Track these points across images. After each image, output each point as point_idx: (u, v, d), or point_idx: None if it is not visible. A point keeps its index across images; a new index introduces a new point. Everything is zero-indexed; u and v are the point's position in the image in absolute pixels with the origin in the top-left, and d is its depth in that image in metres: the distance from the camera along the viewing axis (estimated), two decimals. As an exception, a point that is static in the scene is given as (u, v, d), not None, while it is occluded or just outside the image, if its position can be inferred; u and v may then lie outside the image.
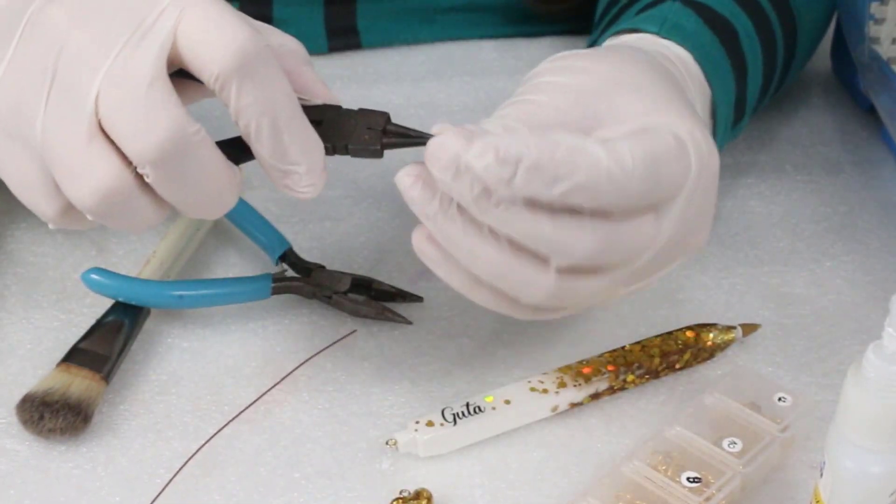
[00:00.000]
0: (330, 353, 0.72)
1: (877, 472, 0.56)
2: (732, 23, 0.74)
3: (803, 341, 0.74)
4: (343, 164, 0.80)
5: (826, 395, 0.70)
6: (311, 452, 0.67)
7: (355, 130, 0.60)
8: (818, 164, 0.87)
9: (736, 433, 0.65)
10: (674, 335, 0.71)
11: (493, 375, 0.71)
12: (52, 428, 0.66)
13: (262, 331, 0.73)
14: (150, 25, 0.55)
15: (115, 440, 0.67)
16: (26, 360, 0.71)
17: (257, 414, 0.69)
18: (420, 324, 0.74)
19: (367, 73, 0.93)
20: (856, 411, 0.55)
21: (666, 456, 0.64)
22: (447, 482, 0.65)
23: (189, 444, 0.67)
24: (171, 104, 0.55)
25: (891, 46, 0.84)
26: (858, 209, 0.83)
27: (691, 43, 0.71)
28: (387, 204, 0.82)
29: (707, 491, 0.62)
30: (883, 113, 0.83)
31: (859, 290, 0.77)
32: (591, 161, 0.56)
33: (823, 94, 0.94)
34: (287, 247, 0.76)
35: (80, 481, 0.65)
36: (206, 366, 0.71)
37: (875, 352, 0.54)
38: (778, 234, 0.81)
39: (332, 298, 0.73)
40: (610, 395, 0.70)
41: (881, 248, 0.80)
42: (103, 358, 0.69)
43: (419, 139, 0.58)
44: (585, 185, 0.56)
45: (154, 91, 0.55)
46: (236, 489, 0.65)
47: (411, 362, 0.72)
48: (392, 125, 0.60)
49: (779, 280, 0.78)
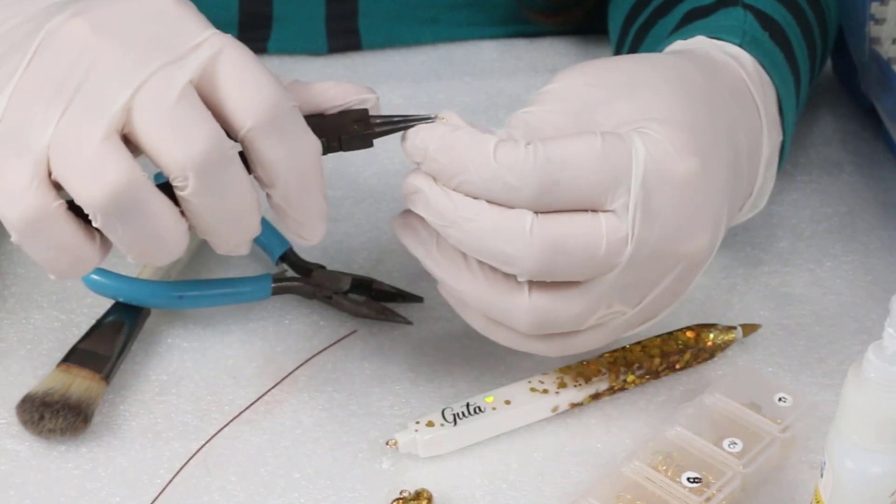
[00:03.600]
0: (330, 353, 0.72)
1: (877, 472, 0.56)
2: (786, 30, 0.75)
3: (803, 341, 0.74)
4: (343, 164, 0.79)
5: (826, 395, 0.70)
6: (311, 452, 0.67)
7: (344, 126, 0.61)
8: (818, 164, 0.87)
9: (736, 433, 0.65)
10: (674, 335, 0.71)
11: (493, 375, 0.71)
12: (52, 428, 0.66)
13: (262, 331, 0.73)
14: (184, 54, 0.56)
15: (115, 440, 0.67)
16: (26, 360, 0.71)
17: (257, 414, 0.69)
18: (420, 324, 0.74)
19: (367, 73, 0.93)
20: (856, 411, 0.56)
21: (666, 456, 0.64)
22: (447, 482, 0.65)
23: (189, 444, 0.67)
24: (207, 118, 0.56)
25: (891, 46, 0.84)
26: (858, 209, 0.83)
27: (767, 58, 0.71)
28: (387, 204, 0.82)
29: (707, 491, 0.62)
30: (883, 113, 0.83)
31: (859, 290, 0.77)
32: (481, 159, 0.58)
33: (823, 94, 0.94)
34: (287, 247, 0.76)
35: (80, 481, 0.65)
36: (206, 366, 0.71)
37: (875, 352, 0.54)
38: (778, 234, 0.81)
39: (332, 298, 0.73)
40: (610, 396, 0.70)
41: (881, 248, 0.80)
42: (103, 358, 0.69)
43: (404, 122, 0.61)
44: (475, 181, 0.59)
45: (188, 105, 0.55)
46: (236, 489, 0.65)
47: (411, 362, 0.72)
48: (375, 116, 0.62)
49: (779, 280, 0.78)
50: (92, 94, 0.55)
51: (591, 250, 0.59)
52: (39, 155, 0.56)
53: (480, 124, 0.59)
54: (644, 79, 0.63)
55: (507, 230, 0.59)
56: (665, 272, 0.62)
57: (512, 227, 0.59)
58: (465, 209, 0.59)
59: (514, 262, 0.59)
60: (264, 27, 0.93)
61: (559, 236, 0.59)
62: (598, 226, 0.59)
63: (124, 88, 0.55)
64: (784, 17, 0.75)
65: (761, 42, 0.72)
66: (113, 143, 0.55)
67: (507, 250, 0.59)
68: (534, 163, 0.58)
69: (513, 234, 0.59)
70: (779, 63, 0.72)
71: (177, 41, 0.56)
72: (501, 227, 0.59)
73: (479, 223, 0.59)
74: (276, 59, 0.93)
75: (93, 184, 0.55)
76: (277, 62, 0.93)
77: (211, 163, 0.55)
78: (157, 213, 0.56)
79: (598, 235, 0.59)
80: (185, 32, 0.57)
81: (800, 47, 0.76)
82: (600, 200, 0.59)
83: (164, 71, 0.55)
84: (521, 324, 0.61)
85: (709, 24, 0.73)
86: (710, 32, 0.72)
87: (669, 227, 0.60)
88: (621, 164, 0.59)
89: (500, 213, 0.59)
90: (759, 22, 0.73)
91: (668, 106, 0.62)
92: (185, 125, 0.55)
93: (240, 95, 0.56)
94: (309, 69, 0.93)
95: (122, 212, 0.56)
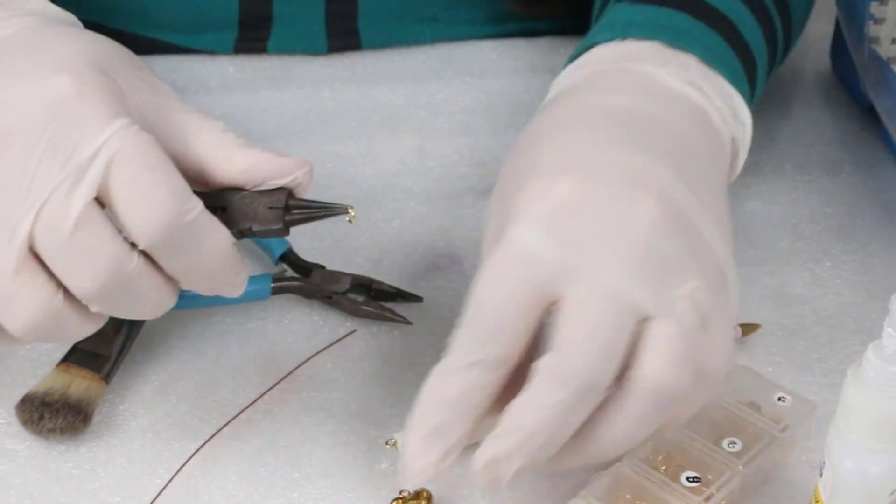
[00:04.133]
0: (330, 353, 0.72)
1: (877, 471, 0.56)
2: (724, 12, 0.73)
3: (803, 341, 0.74)
4: (343, 164, 0.79)
5: (826, 395, 0.70)
6: (310, 452, 0.67)
7: (259, 211, 0.60)
8: (818, 164, 0.87)
9: (736, 433, 0.65)
10: (674, 335, 0.71)
11: (493, 375, 0.71)
12: (52, 428, 0.66)
13: (262, 331, 0.73)
14: (82, 166, 0.55)
15: (115, 440, 0.67)
16: (26, 360, 0.71)
17: (257, 414, 0.69)
18: (420, 324, 0.74)
19: (367, 73, 0.93)
20: (856, 411, 0.56)
21: (666, 456, 0.64)
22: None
23: (189, 444, 0.67)
24: (106, 241, 0.55)
25: (891, 46, 0.84)
26: (858, 209, 0.83)
27: (697, 45, 0.69)
28: (387, 204, 0.82)
29: (707, 491, 0.62)
30: (883, 113, 0.83)
31: (859, 290, 0.77)
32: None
33: (823, 94, 0.94)
34: (287, 247, 0.76)
35: (80, 481, 0.65)
36: (205, 366, 0.71)
37: (875, 352, 0.54)
38: (778, 234, 0.81)
39: (331, 298, 0.73)
40: (610, 395, 0.70)
41: (881, 248, 0.80)
42: (103, 358, 0.69)
43: (322, 211, 0.60)
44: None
45: (86, 232, 0.55)
46: (236, 489, 0.65)
47: (411, 362, 0.72)
48: (294, 200, 0.60)
49: (779, 280, 0.78)
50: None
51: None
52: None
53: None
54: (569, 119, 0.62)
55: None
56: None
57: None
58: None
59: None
60: (264, 27, 0.93)
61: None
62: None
63: (25, 216, 0.55)
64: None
65: (684, 30, 0.70)
66: (27, 275, 0.56)
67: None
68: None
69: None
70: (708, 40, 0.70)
71: (75, 148, 0.55)
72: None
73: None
74: (276, 59, 0.93)
75: (11, 317, 0.56)
76: (277, 62, 0.93)
77: (114, 285, 0.56)
78: (76, 323, 0.58)
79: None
80: (83, 133, 0.55)
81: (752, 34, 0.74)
82: None
83: (60, 192, 0.55)
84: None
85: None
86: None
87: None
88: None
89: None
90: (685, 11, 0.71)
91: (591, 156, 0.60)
92: (84, 255, 0.55)
93: (132, 216, 0.56)
94: (309, 69, 0.93)
95: (47, 334, 0.57)
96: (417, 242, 0.79)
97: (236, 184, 0.60)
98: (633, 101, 0.64)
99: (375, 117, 0.89)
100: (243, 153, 0.60)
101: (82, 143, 0.55)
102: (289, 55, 0.94)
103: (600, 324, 0.55)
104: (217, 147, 0.60)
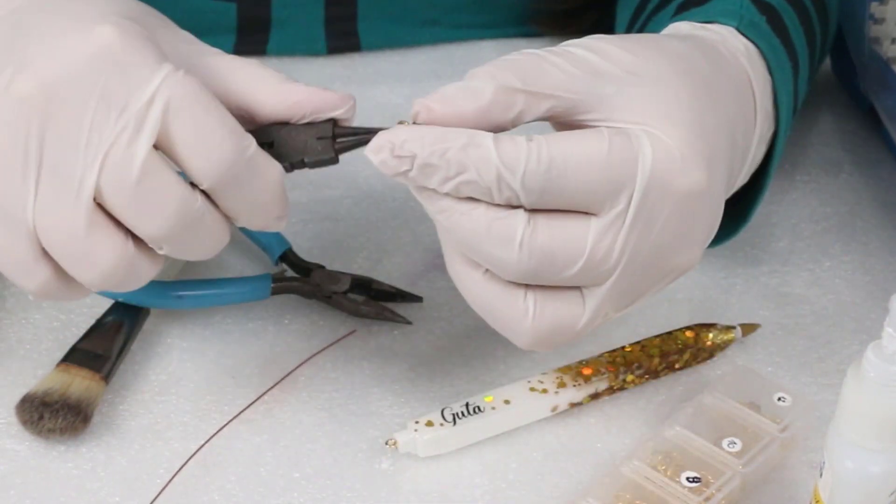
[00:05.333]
0: (330, 353, 0.72)
1: (877, 471, 0.56)
2: (783, 16, 0.73)
3: (803, 341, 0.74)
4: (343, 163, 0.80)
5: (826, 395, 0.70)
6: (310, 452, 0.67)
7: (308, 143, 0.60)
8: (818, 164, 0.87)
9: (736, 433, 0.65)
10: (673, 335, 0.71)
11: (493, 375, 0.71)
12: (52, 428, 0.66)
13: (262, 331, 0.73)
14: (139, 115, 0.55)
15: (115, 440, 0.67)
16: (26, 360, 0.71)
17: (257, 414, 0.69)
18: (420, 324, 0.74)
19: (367, 73, 0.93)
20: (856, 411, 0.56)
21: (666, 456, 0.64)
22: (447, 482, 0.65)
23: (189, 444, 0.67)
24: (171, 185, 0.56)
25: (890, 46, 0.84)
26: (858, 209, 0.83)
27: (765, 42, 0.70)
28: (387, 204, 0.82)
29: (707, 491, 0.62)
30: (883, 113, 0.83)
31: (859, 290, 0.77)
32: (482, 159, 0.56)
33: (823, 94, 0.94)
34: (287, 247, 0.76)
35: (80, 481, 0.65)
36: (205, 366, 0.71)
37: (875, 352, 0.54)
38: (778, 234, 0.81)
39: (331, 298, 0.73)
40: (610, 395, 0.70)
41: (881, 248, 0.80)
42: (103, 358, 0.69)
43: (371, 135, 0.59)
44: (475, 181, 0.57)
45: (152, 179, 0.56)
46: (236, 489, 0.65)
47: (411, 362, 0.72)
48: (340, 128, 0.61)
49: (779, 280, 0.78)
50: (59, 172, 0.56)
51: (583, 262, 0.58)
52: (29, 232, 0.57)
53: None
54: (654, 67, 0.61)
55: (498, 235, 0.57)
56: (656, 280, 0.61)
57: (503, 232, 0.57)
58: (462, 204, 0.58)
59: (501, 266, 0.58)
60: (263, 31, 0.93)
61: (548, 248, 0.57)
62: (590, 236, 0.57)
63: (88, 171, 0.55)
64: (780, 4, 0.74)
65: (758, 26, 0.70)
66: (98, 228, 0.56)
67: (495, 253, 0.58)
68: (537, 164, 0.56)
69: (503, 240, 0.57)
70: (776, 48, 0.71)
71: (128, 97, 0.56)
72: (493, 230, 0.57)
73: (473, 223, 0.57)
74: (276, 60, 0.93)
75: (87, 271, 0.57)
76: (277, 63, 0.93)
77: (182, 227, 0.57)
78: (147, 267, 0.59)
79: (588, 246, 0.57)
80: (134, 82, 0.56)
81: (798, 35, 0.74)
82: (599, 205, 0.57)
83: (121, 142, 0.55)
84: (521, 337, 0.60)
85: (705, 11, 0.72)
86: (706, 17, 0.70)
87: (666, 239, 0.59)
88: (626, 172, 0.57)
89: (494, 214, 0.57)
90: (756, 6, 0.72)
91: (678, 104, 0.60)
92: (151, 201, 0.56)
93: (194, 158, 0.56)
94: (308, 69, 0.93)
95: (121, 282, 0.58)
96: (417, 242, 0.79)
97: (283, 118, 0.60)
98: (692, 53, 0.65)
99: (375, 117, 0.89)
100: (289, 87, 0.60)
101: (135, 91, 0.56)
102: (288, 56, 0.94)
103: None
104: (261, 81, 0.60)
